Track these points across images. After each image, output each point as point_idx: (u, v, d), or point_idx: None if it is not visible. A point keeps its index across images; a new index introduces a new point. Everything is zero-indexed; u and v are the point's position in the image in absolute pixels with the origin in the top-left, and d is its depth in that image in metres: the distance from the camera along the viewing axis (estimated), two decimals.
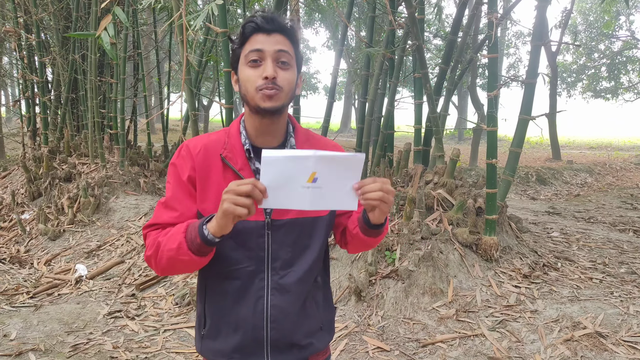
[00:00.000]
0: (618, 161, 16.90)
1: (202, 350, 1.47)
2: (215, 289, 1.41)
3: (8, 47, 11.34)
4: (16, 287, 5.05)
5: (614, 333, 3.45)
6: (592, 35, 23.93)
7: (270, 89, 1.30)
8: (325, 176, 1.17)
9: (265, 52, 1.31)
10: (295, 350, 1.44)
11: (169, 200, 1.38)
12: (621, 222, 7.28)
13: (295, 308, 1.40)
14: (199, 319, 1.47)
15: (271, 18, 1.34)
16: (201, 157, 1.37)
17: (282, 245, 1.37)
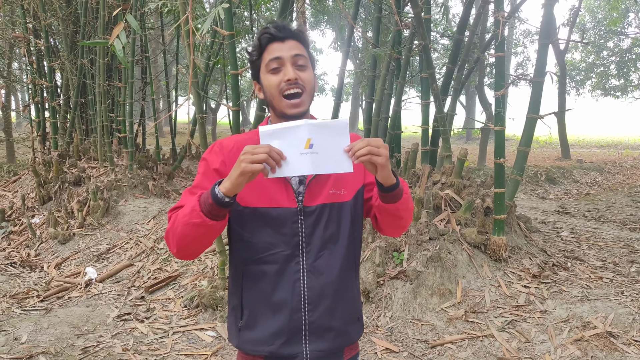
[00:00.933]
0: (628, 159, 16.76)
1: (241, 343, 1.49)
2: (253, 276, 1.46)
3: (18, 53, 11.45)
4: (27, 290, 5.10)
5: (624, 333, 3.42)
6: (601, 32, 23.74)
7: (295, 87, 1.41)
8: (319, 142, 1.29)
9: (283, 58, 1.43)
10: (332, 337, 1.47)
11: (195, 187, 1.47)
12: (632, 221, 7.21)
13: (330, 290, 1.46)
14: (235, 312, 1.51)
15: (282, 26, 1.46)
16: (233, 153, 1.47)
17: (315, 229, 1.45)
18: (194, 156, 10.88)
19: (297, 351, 1.45)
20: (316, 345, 1.46)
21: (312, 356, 1.46)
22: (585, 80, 25.41)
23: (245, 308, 1.48)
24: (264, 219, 1.43)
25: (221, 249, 4.63)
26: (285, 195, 1.45)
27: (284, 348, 1.44)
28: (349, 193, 1.52)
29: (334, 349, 1.50)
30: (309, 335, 1.45)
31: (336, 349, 1.51)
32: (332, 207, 1.48)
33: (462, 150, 4.98)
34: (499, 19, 4.34)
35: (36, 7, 8.08)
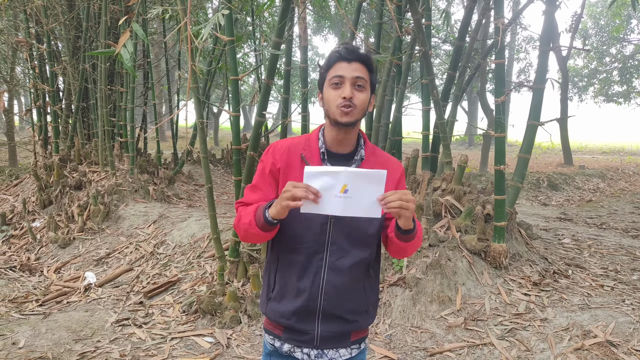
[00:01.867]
0: (631, 166, 16.71)
1: (267, 310, 1.78)
2: (285, 261, 1.73)
3: (20, 57, 11.49)
4: (26, 294, 5.09)
5: (625, 342, 3.39)
6: (604, 39, 23.74)
7: (347, 107, 1.62)
8: (355, 188, 1.47)
9: (345, 77, 1.64)
10: (341, 323, 1.73)
11: (255, 185, 1.77)
12: (634, 228, 7.18)
13: (345, 287, 1.70)
14: (268, 286, 1.78)
15: (352, 50, 1.67)
16: (285, 155, 1.72)
17: (341, 233, 1.67)
18: (195, 161, 10.89)
19: (310, 329, 1.72)
20: (326, 327, 1.71)
21: (322, 334, 1.72)
22: (588, 87, 25.38)
23: (276, 285, 1.76)
24: (302, 217, 1.62)
25: (221, 254, 4.62)
26: None
27: (299, 324, 1.72)
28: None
29: (342, 332, 1.75)
30: (322, 318, 1.71)
31: (344, 332, 1.75)
32: (362, 219, 1.62)
33: (462, 157, 4.97)
34: (499, 26, 4.34)
35: (39, 12, 8.11)
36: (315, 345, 1.74)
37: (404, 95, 5.96)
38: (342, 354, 1.78)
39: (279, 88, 20.68)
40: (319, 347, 1.74)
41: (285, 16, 4.52)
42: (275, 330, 1.78)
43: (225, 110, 4.78)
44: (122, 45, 3.08)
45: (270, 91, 4.93)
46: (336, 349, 1.76)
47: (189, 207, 7.45)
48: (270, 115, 6.99)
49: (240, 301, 4.29)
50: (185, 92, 20.02)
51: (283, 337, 1.76)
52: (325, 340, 1.73)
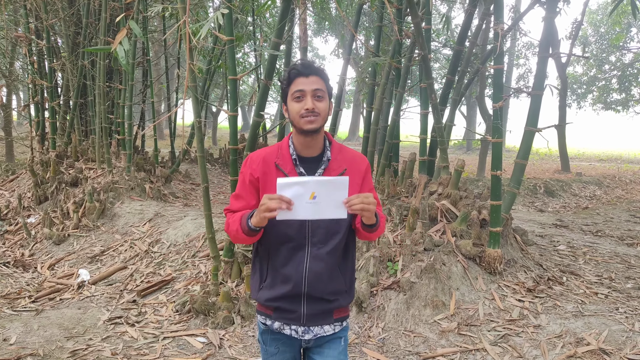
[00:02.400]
0: (628, 174, 16.74)
1: (259, 297, 2.00)
2: (275, 254, 1.96)
3: (19, 52, 11.46)
4: (19, 291, 5.07)
5: (618, 350, 3.39)
6: (603, 46, 23.79)
7: (310, 116, 1.84)
8: (322, 194, 1.67)
9: (305, 91, 1.85)
10: (324, 303, 1.96)
11: (238, 195, 2.01)
12: (629, 236, 7.18)
13: (325, 273, 1.93)
14: (261, 275, 2.02)
15: (308, 65, 1.89)
16: (261, 165, 1.94)
17: (319, 228, 1.91)
18: (192, 160, 10.87)
19: (297, 309, 1.95)
20: (311, 307, 1.95)
21: (307, 312, 1.95)
22: (587, 94, 25.44)
23: (268, 276, 1.99)
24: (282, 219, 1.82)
25: (215, 254, 4.60)
26: None
27: (287, 305, 1.95)
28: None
29: (324, 310, 1.98)
30: (307, 300, 1.95)
31: (326, 310, 1.99)
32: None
33: (459, 161, 4.96)
34: (499, 31, 4.34)
35: (39, 8, 8.09)
36: (302, 323, 1.97)
37: (403, 99, 5.96)
38: (326, 330, 2.01)
39: (278, 89, 20.68)
40: (305, 324, 1.97)
41: (285, 17, 4.52)
42: (267, 311, 2.01)
43: (224, 109, 4.78)
44: (118, 43, 3.08)
45: (269, 92, 4.92)
46: (321, 325, 2.00)
47: (185, 206, 7.44)
48: (268, 115, 7.01)
49: (233, 302, 4.28)
50: (183, 90, 19.98)
51: (273, 316, 1.99)
52: (311, 318, 1.96)
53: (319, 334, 2.00)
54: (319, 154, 1.96)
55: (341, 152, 1.99)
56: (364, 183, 2.00)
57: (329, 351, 2.03)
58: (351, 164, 1.97)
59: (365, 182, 2.00)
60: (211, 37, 8.54)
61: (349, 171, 1.94)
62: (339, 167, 1.94)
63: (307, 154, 1.94)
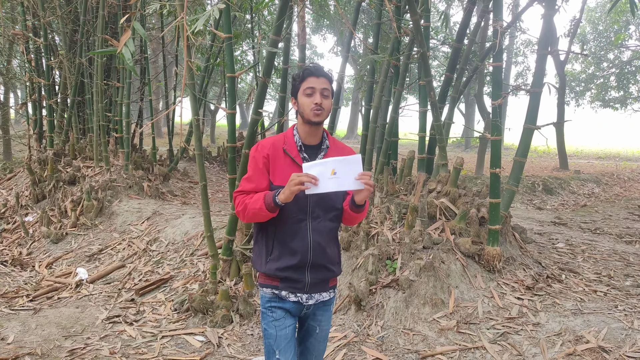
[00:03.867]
0: (626, 171, 16.75)
1: (267, 269, 2.25)
2: (280, 229, 2.23)
3: (17, 50, 11.41)
4: (16, 289, 5.05)
5: (617, 348, 3.38)
6: (602, 44, 23.79)
7: (318, 110, 2.17)
8: (340, 170, 2.04)
9: (315, 88, 2.19)
10: (324, 271, 2.28)
11: (250, 177, 2.26)
12: (628, 234, 7.18)
13: (324, 243, 2.25)
14: (267, 248, 2.27)
15: (319, 68, 2.23)
16: (271, 149, 2.24)
17: (318, 204, 2.22)
18: (190, 158, 10.85)
19: (302, 278, 2.24)
20: (314, 275, 2.25)
21: (311, 281, 2.25)
22: (585, 92, 25.45)
23: (275, 249, 2.25)
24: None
25: (214, 252, 4.59)
26: None
27: (294, 274, 2.23)
28: None
29: (324, 278, 2.30)
30: (310, 269, 2.24)
31: (325, 278, 2.30)
32: (330, 194, 2.19)
33: (458, 159, 4.95)
34: (497, 28, 4.32)
35: (36, 5, 8.06)
36: (305, 291, 2.26)
37: (401, 97, 5.95)
38: (324, 296, 2.34)
39: (276, 86, 20.60)
40: (308, 292, 2.27)
41: (284, 14, 4.50)
42: (273, 282, 2.26)
43: (222, 107, 4.76)
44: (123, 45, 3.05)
45: (267, 89, 4.90)
46: (320, 292, 2.31)
47: (183, 205, 7.42)
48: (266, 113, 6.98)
49: (232, 300, 4.27)
50: (181, 88, 19.92)
51: (280, 286, 2.25)
52: (313, 286, 2.26)
53: (319, 299, 2.32)
54: (319, 143, 2.30)
55: (335, 144, 2.36)
56: None
57: (322, 317, 2.39)
58: (343, 153, 2.28)
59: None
60: (209, 34, 8.52)
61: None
62: (335, 154, 2.25)
63: (309, 142, 2.27)
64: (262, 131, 9.83)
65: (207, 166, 11.07)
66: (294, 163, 2.20)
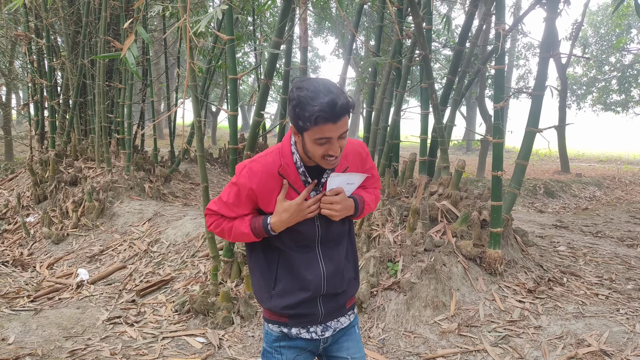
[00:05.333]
0: (627, 175, 16.73)
1: (272, 306, 1.90)
2: (286, 260, 1.87)
3: (19, 51, 11.44)
4: (17, 290, 5.05)
5: (619, 352, 3.37)
6: (603, 47, 23.79)
7: (334, 160, 1.71)
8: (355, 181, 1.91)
9: (333, 139, 1.65)
10: (339, 297, 1.94)
11: (231, 206, 1.86)
12: (629, 237, 7.17)
13: (338, 270, 1.92)
14: (268, 283, 1.90)
15: (339, 108, 1.58)
16: (262, 178, 1.79)
17: (328, 230, 1.89)
18: (192, 159, 10.85)
19: (315, 311, 1.90)
20: (328, 304, 1.92)
21: (325, 311, 1.92)
22: (586, 95, 25.42)
23: (278, 281, 1.89)
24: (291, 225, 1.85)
25: (215, 254, 4.59)
26: None
27: (305, 309, 1.89)
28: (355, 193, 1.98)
29: (340, 303, 1.96)
30: (323, 299, 1.91)
31: (342, 303, 1.97)
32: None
33: (459, 162, 4.95)
34: (500, 31, 4.33)
35: (38, 6, 8.07)
36: (319, 322, 1.93)
37: (403, 99, 5.95)
38: (342, 322, 2.00)
39: (278, 88, 20.63)
40: (323, 322, 1.94)
41: (286, 16, 4.50)
42: (281, 319, 1.92)
43: (223, 109, 4.76)
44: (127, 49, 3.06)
45: (269, 91, 4.91)
46: (337, 318, 1.98)
47: (185, 206, 7.42)
48: (268, 115, 6.97)
49: (233, 302, 4.27)
50: (183, 90, 19.97)
51: (290, 323, 1.91)
52: (328, 315, 1.94)
53: (337, 327, 1.98)
54: None
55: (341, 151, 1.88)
56: (366, 164, 2.01)
57: (348, 343, 2.02)
58: (351, 156, 1.91)
59: (366, 163, 2.01)
60: (211, 36, 8.53)
61: (351, 166, 1.92)
62: (340, 167, 1.86)
63: (312, 163, 1.80)
64: (263, 133, 9.84)
65: (208, 168, 11.08)
66: (293, 190, 1.80)
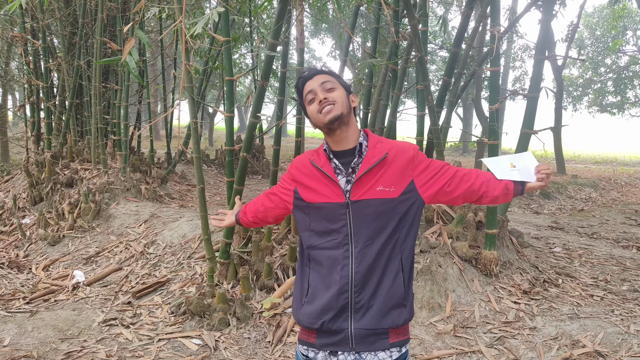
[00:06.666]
0: (623, 176, 16.80)
1: (300, 316, 1.77)
2: (315, 259, 1.76)
3: (15, 52, 11.41)
4: (13, 292, 5.04)
5: (613, 353, 3.39)
6: (599, 49, 23.89)
7: (325, 105, 1.74)
8: (519, 164, 1.90)
9: (314, 89, 1.78)
10: (375, 315, 1.68)
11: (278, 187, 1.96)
12: (625, 239, 7.21)
13: (374, 275, 1.69)
14: (302, 290, 1.79)
15: (309, 69, 1.86)
16: (300, 165, 1.87)
17: (362, 221, 1.70)
18: (188, 161, 10.85)
19: (344, 327, 1.68)
20: (360, 323, 1.67)
21: (356, 333, 1.67)
22: (582, 97, 25.53)
23: (310, 287, 1.77)
24: (321, 212, 1.76)
25: (211, 255, 4.59)
26: (334, 193, 1.75)
27: (332, 323, 1.69)
28: (397, 190, 1.74)
29: (377, 328, 1.68)
30: (354, 314, 1.67)
31: (379, 328, 1.68)
32: (380, 203, 1.71)
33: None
34: (495, 33, 4.35)
35: (34, 8, 8.06)
36: (351, 347, 1.68)
37: (399, 100, 5.96)
38: (380, 357, 1.70)
39: (274, 90, 20.65)
40: (354, 349, 1.68)
41: (282, 18, 4.51)
42: (310, 338, 1.75)
43: (220, 110, 4.77)
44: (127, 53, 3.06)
45: (265, 93, 4.91)
46: (374, 352, 1.69)
47: (181, 207, 7.42)
48: (265, 117, 6.99)
49: (229, 303, 4.27)
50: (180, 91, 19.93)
51: (317, 344, 1.73)
52: (361, 340, 1.68)
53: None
54: (354, 147, 1.79)
55: (381, 141, 1.83)
56: (423, 166, 1.81)
57: None
58: (394, 149, 1.78)
59: (421, 164, 1.81)
60: (208, 37, 8.53)
61: (392, 156, 1.76)
62: (379, 153, 1.75)
63: (340, 148, 1.79)
64: (260, 135, 9.85)
65: (205, 169, 11.07)
66: (324, 175, 1.76)
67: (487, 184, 1.83)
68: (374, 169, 1.72)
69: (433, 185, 1.79)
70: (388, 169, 1.74)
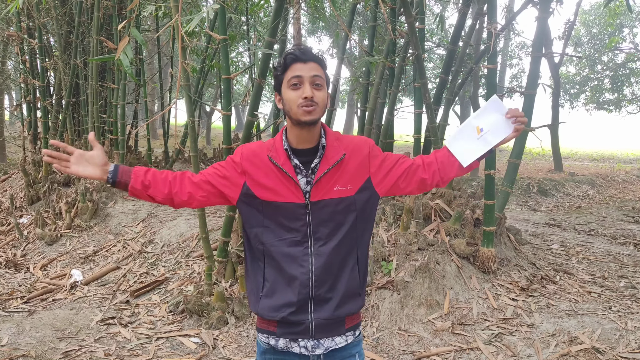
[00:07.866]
0: (620, 173, 16.83)
1: (260, 309, 1.77)
2: (273, 255, 1.74)
3: (11, 51, 11.38)
4: (10, 291, 5.03)
5: (611, 349, 3.40)
6: (596, 47, 23.91)
7: (310, 106, 1.66)
8: (485, 123, 1.74)
9: (303, 77, 1.68)
10: (333, 307, 1.74)
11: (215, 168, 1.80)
12: (622, 235, 7.22)
13: (333, 270, 1.73)
14: (257, 284, 1.79)
15: (306, 50, 1.71)
16: (252, 155, 1.77)
17: (321, 220, 1.72)
18: (186, 160, 10.83)
19: (304, 319, 1.73)
20: (319, 314, 1.73)
21: (316, 323, 1.74)
22: (579, 94, 25.55)
23: (266, 281, 1.76)
24: (279, 210, 1.73)
25: (209, 254, 4.59)
26: (293, 193, 1.73)
27: (293, 316, 1.73)
28: (354, 188, 1.76)
29: (335, 317, 1.75)
30: (314, 306, 1.73)
31: (337, 317, 1.76)
32: (338, 202, 1.73)
33: None
34: (492, 31, 4.35)
35: (30, 6, 8.03)
36: (311, 335, 1.74)
37: (397, 98, 5.96)
38: (337, 341, 1.79)
39: (271, 88, 20.62)
40: (314, 337, 1.75)
41: (279, 16, 4.50)
42: (269, 327, 1.78)
43: (217, 109, 4.76)
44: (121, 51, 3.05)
45: (262, 91, 4.91)
46: (331, 337, 1.78)
47: None
48: (262, 115, 6.99)
49: (227, 302, 4.27)
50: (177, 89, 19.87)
51: (278, 333, 1.76)
52: (320, 329, 1.75)
53: (330, 347, 1.77)
54: (314, 146, 1.76)
55: (339, 139, 1.81)
56: (378, 161, 1.81)
57: None
58: (350, 148, 1.78)
59: (376, 160, 1.81)
60: (205, 36, 8.51)
61: (348, 155, 1.76)
62: (336, 154, 1.75)
63: (301, 146, 1.75)
64: (257, 133, 9.83)
65: (202, 168, 11.04)
66: (284, 174, 1.72)
67: (440, 171, 1.83)
68: (332, 170, 1.73)
69: (388, 181, 1.82)
70: (345, 168, 1.75)
